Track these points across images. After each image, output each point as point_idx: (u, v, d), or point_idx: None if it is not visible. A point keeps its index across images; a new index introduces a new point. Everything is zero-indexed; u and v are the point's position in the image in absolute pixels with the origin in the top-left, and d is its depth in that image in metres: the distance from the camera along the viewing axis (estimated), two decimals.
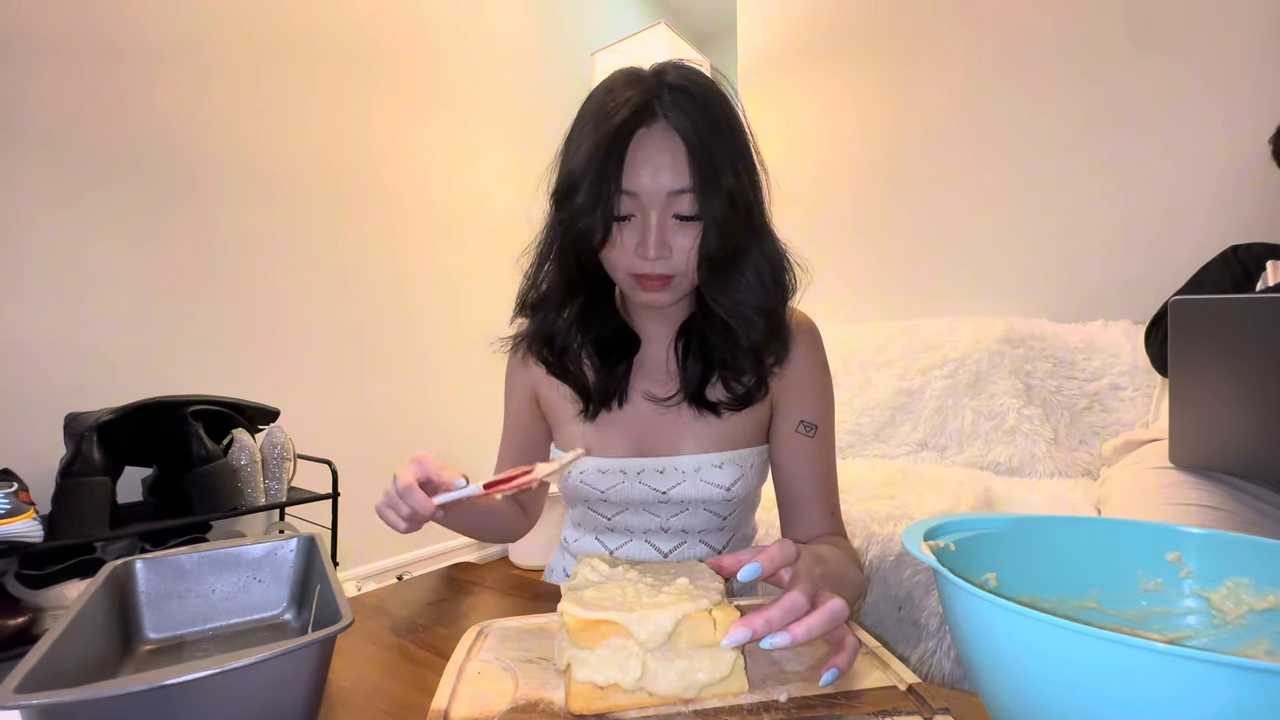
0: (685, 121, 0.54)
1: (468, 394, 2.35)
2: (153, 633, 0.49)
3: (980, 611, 0.30)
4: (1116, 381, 1.40)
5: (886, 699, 0.37)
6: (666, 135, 0.54)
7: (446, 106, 2.26)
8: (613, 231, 0.56)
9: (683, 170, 0.54)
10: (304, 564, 0.54)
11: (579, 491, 0.68)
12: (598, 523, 0.70)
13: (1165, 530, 0.40)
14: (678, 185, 0.54)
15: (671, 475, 0.65)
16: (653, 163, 0.54)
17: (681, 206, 0.55)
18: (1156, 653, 0.23)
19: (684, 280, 0.59)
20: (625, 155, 0.54)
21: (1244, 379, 0.65)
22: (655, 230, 0.55)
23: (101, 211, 1.44)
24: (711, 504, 0.66)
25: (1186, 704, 0.23)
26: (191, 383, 1.56)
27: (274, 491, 1.46)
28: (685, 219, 0.55)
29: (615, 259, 0.58)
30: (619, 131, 0.53)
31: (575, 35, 2.83)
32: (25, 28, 1.33)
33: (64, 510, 1.15)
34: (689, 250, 0.56)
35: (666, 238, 0.55)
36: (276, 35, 1.76)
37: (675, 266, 0.57)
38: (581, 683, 0.36)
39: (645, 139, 0.54)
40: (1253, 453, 0.77)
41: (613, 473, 0.66)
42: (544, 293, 0.67)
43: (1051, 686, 0.27)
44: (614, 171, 0.53)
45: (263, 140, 1.73)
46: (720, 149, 0.55)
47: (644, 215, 0.55)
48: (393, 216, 2.08)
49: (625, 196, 0.55)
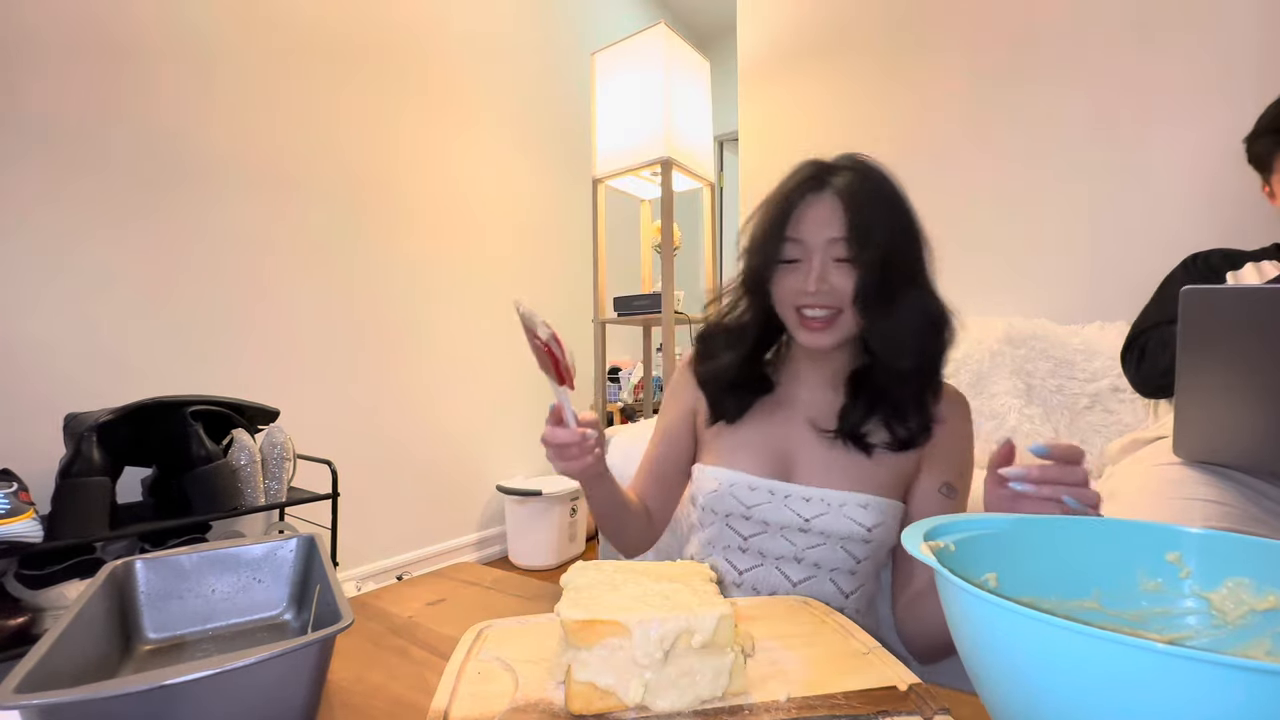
0: (847, 188, 0.66)
1: (468, 394, 2.35)
2: (152, 633, 0.49)
3: (980, 611, 0.30)
4: (1117, 383, 1.40)
5: (886, 699, 0.37)
6: (831, 198, 0.66)
7: (446, 106, 2.26)
8: (781, 272, 0.68)
9: (839, 222, 0.65)
10: (304, 564, 0.54)
11: (724, 504, 0.71)
12: (732, 540, 0.72)
13: (1165, 530, 0.40)
14: (835, 234, 0.65)
15: (817, 505, 0.68)
16: (817, 215, 0.66)
17: (839, 251, 0.65)
18: (1156, 653, 0.23)
19: (845, 322, 0.67)
20: (794, 211, 0.67)
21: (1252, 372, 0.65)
22: (816, 269, 0.65)
23: (101, 211, 1.44)
24: (850, 542, 0.68)
25: (1187, 705, 0.23)
26: (191, 383, 1.57)
27: (274, 492, 1.46)
28: (842, 261, 0.65)
29: (782, 294, 0.69)
30: (791, 194, 0.68)
31: (575, 35, 2.83)
32: (25, 26, 1.33)
33: (64, 510, 1.15)
34: (846, 290, 0.65)
35: (828, 276, 0.65)
36: (277, 35, 1.76)
37: (834, 300, 0.66)
38: (581, 683, 0.36)
39: (814, 200, 0.67)
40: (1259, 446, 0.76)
41: (762, 490, 0.70)
42: (723, 324, 0.77)
43: (1051, 687, 0.27)
44: (782, 222, 0.67)
45: (263, 140, 1.73)
46: (877, 210, 0.65)
47: (808, 257, 0.66)
48: (393, 216, 2.08)
49: (791, 243, 0.67)
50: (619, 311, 2.08)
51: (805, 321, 0.67)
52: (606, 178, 2.03)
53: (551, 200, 2.71)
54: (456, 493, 2.33)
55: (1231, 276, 0.97)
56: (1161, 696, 0.24)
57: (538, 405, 2.64)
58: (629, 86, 1.94)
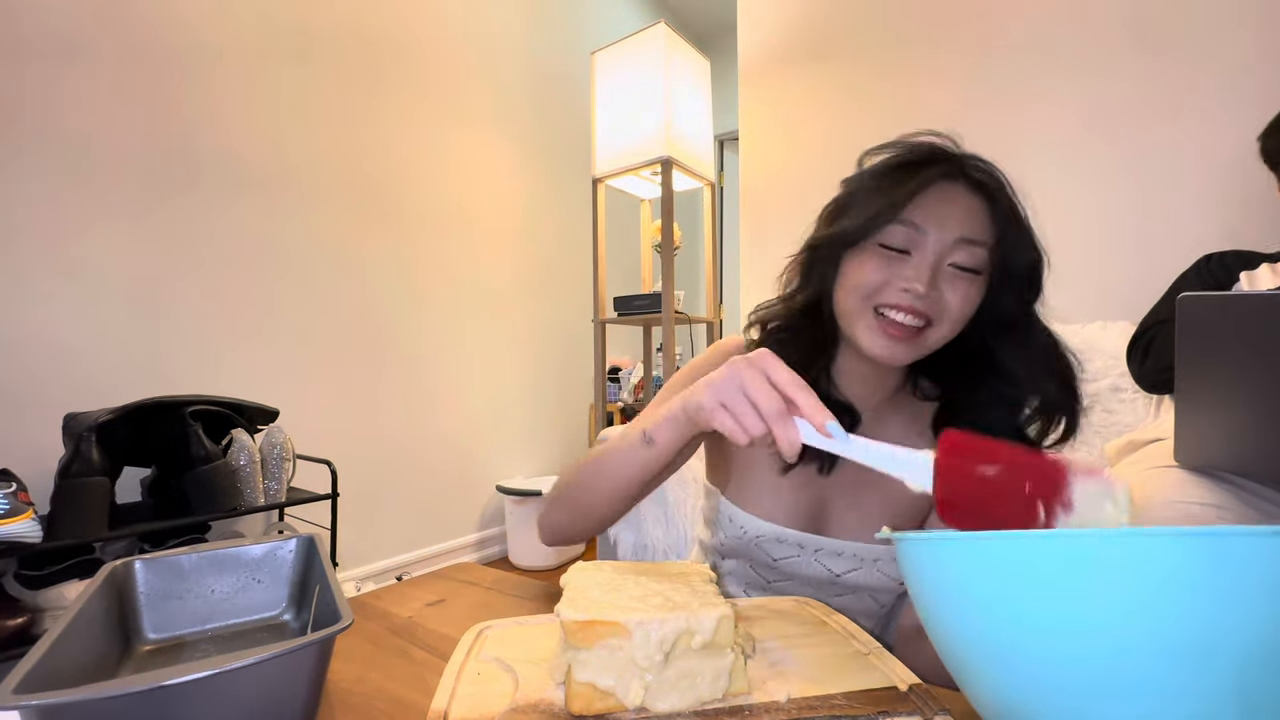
0: (992, 182, 0.55)
1: (468, 394, 2.35)
2: (152, 633, 0.49)
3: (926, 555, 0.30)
4: (1117, 383, 1.39)
5: (887, 699, 0.37)
6: (967, 193, 0.54)
7: (445, 106, 2.26)
8: (869, 255, 0.55)
9: (980, 223, 0.54)
10: (303, 564, 0.54)
11: (748, 551, 0.65)
12: (755, 580, 0.68)
13: None
14: (971, 234, 0.53)
15: (850, 560, 0.62)
16: (951, 205, 0.53)
17: (962, 257, 0.53)
18: (1099, 538, 0.24)
19: (934, 335, 0.55)
20: (919, 192, 0.53)
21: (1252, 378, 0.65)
22: (931, 269, 0.53)
23: (101, 211, 1.44)
24: (879, 593, 0.64)
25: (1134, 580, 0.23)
26: (191, 383, 1.56)
27: (273, 492, 1.46)
28: (963, 269, 0.54)
29: (862, 282, 0.55)
30: (921, 172, 0.53)
31: (575, 35, 2.83)
32: (25, 28, 1.33)
33: (63, 510, 1.15)
34: (953, 305, 0.54)
35: (937, 280, 0.54)
36: (277, 35, 1.76)
37: (936, 312, 0.54)
38: (581, 683, 0.36)
39: (947, 188, 0.54)
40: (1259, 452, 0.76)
41: (790, 544, 0.63)
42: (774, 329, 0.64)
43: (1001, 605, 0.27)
44: (902, 199, 0.53)
45: (262, 141, 1.73)
46: (1021, 221, 0.56)
47: (922, 251, 0.53)
48: (392, 215, 2.08)
49: (904, 227, 0.53)
50: (619, 311, 2.08)
51: (884, 325, 0.54)
52: (606, 177, 2.03)
53: (551, 200, 2.71)
54: (456, 493, 2.33)
55: (1245, 277, 0.96)
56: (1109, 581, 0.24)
57: (538, 405, 2.64)
58: (629, 86, 1.94)
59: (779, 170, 2.06)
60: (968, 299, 0.54)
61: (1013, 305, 0.57)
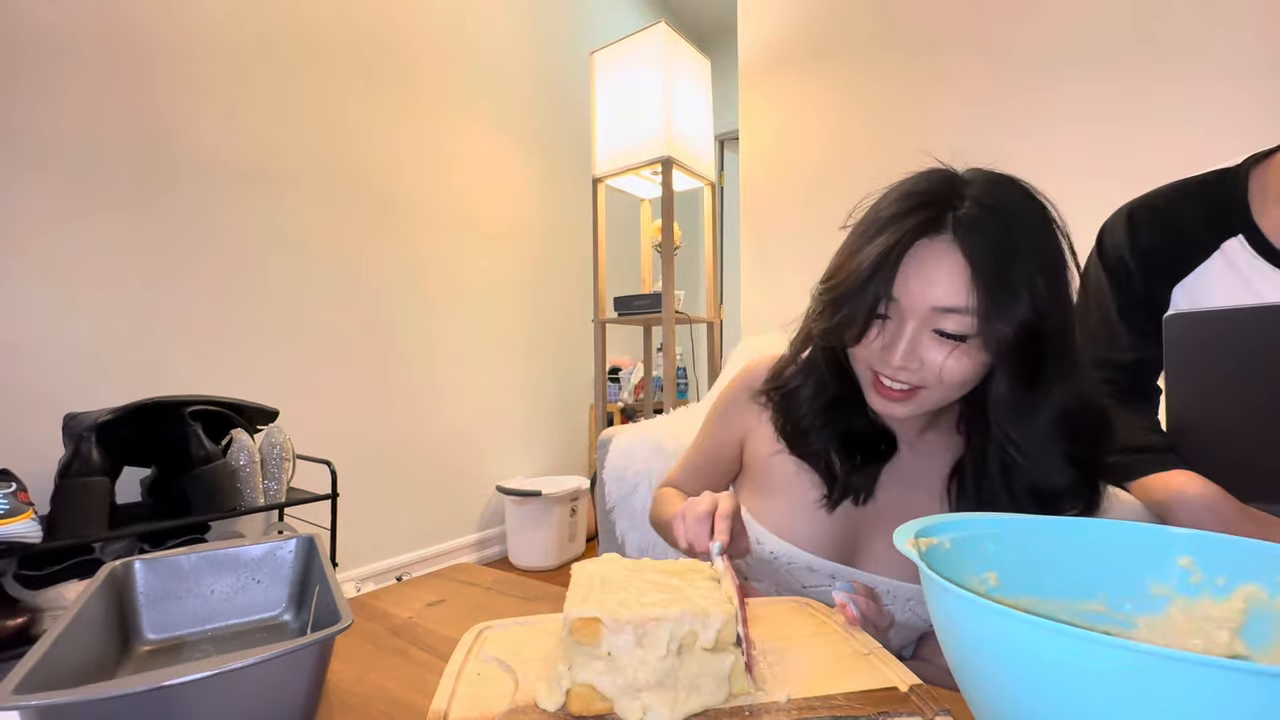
0: (975, 240, 0.50)
1: (468, 394, 2.35)
2: (151, 633, 0.49)
3: (958, 609, 0.29)
4: None
5: (887, 700, 0.36)
6: (948, 250, 0.50)
7: (445, 106, 2.26)
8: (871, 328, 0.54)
9: (958, 289, 0.50)
10: (303, 564, 0.54)
11: (777, 575, 0.65)
12: None
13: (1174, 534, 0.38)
14: (946, 303, 0.50)
15: (882, 597, 0.60)
16: (926, 275, 0.51)
17: (946, 324, 0.51)
18: (1165, 659, 0.22)
19: (930, 398, 0.54)
20: (901, 261, 0.51)
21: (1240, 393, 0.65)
22: (907, 341, 0.51)
23: (101, 211, 1.44)
24: (904, 629, 0.63)
25: (1170, 705, 0.22)
26: (191, 383, 1.56)
27: (273, 492, 1.46)
28: (947, 336, 0.51)
29: (859, 353, 0.56)
30: (901, 236, 0.51)
31: (575, 35, 2.83)
32: (20, 30, 1.33)
33: (63, 511, 1.15)
34: (939, 367, 0.51)
35: (919, 351, 0.52)
36: (276, 34, 1.76)
37: (921, 379, 0.53)
38: (582, 684, 0.36)
39: (926, 249, 0.51)
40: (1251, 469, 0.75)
41: (821, 574, 0.62)
42: (799, 368, 0.64)
43: (1039, 693, 0.26)
44: (886, 273, 0.51)
45: (262, 141, 1.73)
46: (1016, 272, 0.49)
47: (900, 322, 0.52)
48: (392, 215, 2.08)
49: (888, 299, 0.53)
50: (619, 311, 2.08)
51: (881, 387, 0.55)
52: (606, 177, 2.03)
53: (551, 200, 2.71)
54: (456, 493, 2.33)
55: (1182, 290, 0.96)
56: (1171, 705, 0.22)
57: (538, 405, 2.64)
58: (629, 86, 1.94)
59: (779, 170, 2.06)
60: (959, 365, 0.51)
61: (1005, 382, 0.52)
